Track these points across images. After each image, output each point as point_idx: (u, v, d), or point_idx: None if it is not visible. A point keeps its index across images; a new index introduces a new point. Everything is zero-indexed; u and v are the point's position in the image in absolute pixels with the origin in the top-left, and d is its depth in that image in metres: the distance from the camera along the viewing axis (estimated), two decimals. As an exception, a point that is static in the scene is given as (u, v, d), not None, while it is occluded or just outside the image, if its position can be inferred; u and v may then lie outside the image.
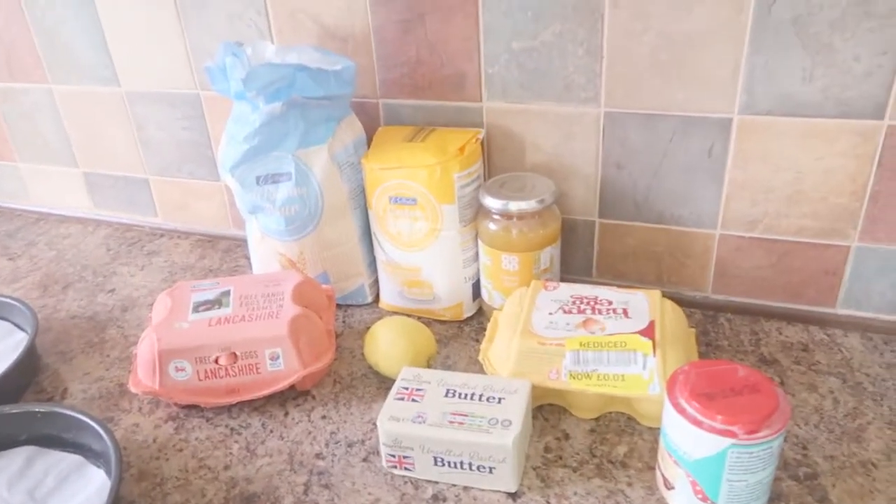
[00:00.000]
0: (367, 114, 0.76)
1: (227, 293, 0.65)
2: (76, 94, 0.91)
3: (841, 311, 0.69)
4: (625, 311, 0.59)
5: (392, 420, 0.53)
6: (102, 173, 0.97)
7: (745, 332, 0.68)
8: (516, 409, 0.52)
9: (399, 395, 0.55)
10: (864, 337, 0.66)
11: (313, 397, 0.63)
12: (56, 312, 0.80)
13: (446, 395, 0.54)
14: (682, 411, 0.46)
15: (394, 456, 0.53)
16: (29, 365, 0.69)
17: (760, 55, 0.60)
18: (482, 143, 0.72)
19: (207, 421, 0.62)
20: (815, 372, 0.63)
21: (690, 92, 0.64)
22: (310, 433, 0.59)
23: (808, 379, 0.62)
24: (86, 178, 0.98)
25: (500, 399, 0.53)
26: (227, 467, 0.57)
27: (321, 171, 0.68)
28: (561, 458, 0.55)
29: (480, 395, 0.54)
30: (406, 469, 0.54)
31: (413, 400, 0.54)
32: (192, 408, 0.63)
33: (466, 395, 0.54)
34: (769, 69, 0.60)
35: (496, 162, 0.74)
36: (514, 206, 0.64)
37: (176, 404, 0.62)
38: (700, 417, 0.46)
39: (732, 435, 0.45)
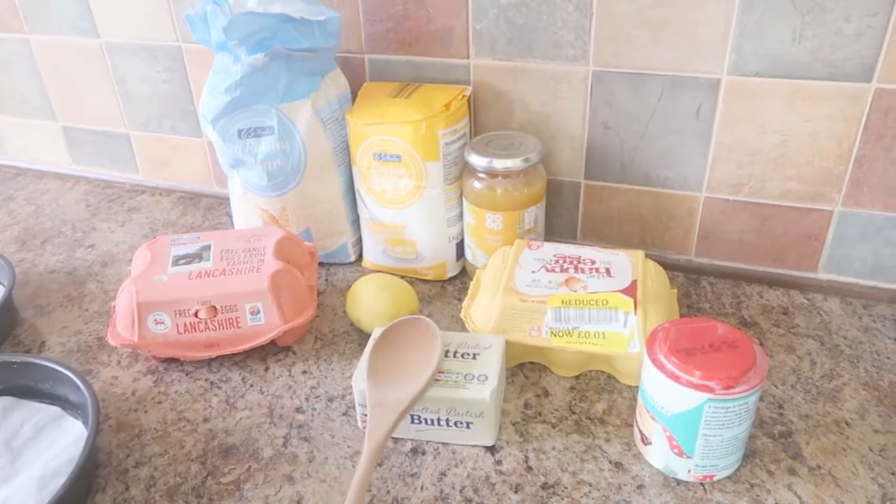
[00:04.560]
0: (353, 69, 0.75)
1: (207, 247, 0.64)
2: (54, 44, 0.88)
3: (822, 275, 0.69)
4: (607, 271, 0.59)
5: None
6: (82, 128, 0.95)
7: (726, 295, 0.69)
8: (492, 364, 0.52)
9: (375, 354, 0.55)
10: (843, 301, 0.67)
11: (294, 353, 0.63)
12: (34, 267, 0.78)
13: (423, 352, 0.54)
14: (660, 366, 0.47)
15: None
16: (6, 317, 0.68)
17: (751, 14, 0.59)
18: (469, 101, 0.71)
19: (187, 375, 0.61)
20: (793, 334, 0.63)
21: (679, 51, 0.63)
22: (290, 388, 0.59)
23: (787, 341, 0.62)
24: (65, 132, 0.96)
25: (475, 354, 0.53)
26: (206, 420, 0.56)
27: (304, 125, 0.67)
28: (540, 414, 0.55)
29: (455, 352, 0.54)
30: (384, 425, 0.54)
31: (391, 357, 0.54)
32: (171, 361, 0.62)
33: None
34: (759, 29, 0.60)
35: (482, 120, 0.73)
36: (500, 164, 0.64)
37: (155, 357, 0.62)
38: (678, 372, 0.46)
39: (709, 390, 0.45)
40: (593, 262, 0.60)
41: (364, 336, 0.65)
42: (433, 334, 0.54)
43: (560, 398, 0.57)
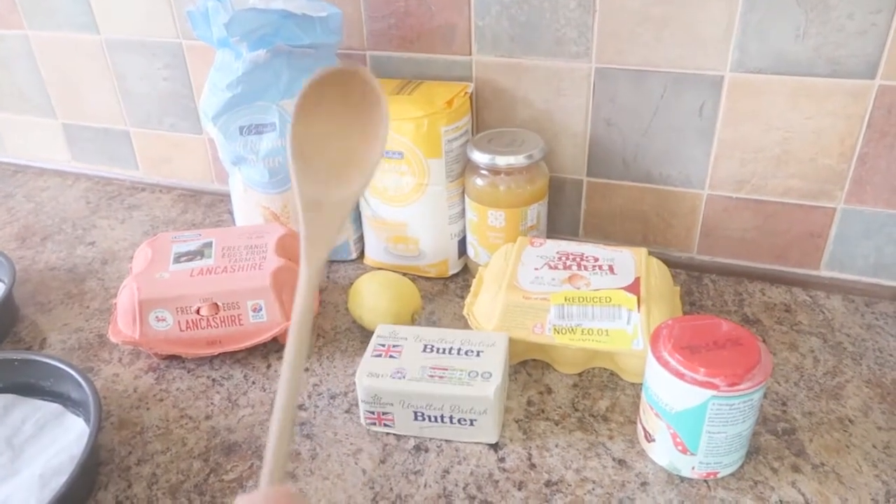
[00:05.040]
0: (354, 66, 0.75)
1: (209, 244, 0.64)
2: (54, 40, 0.88)
3: (824, 273, 0.69)
4: (610, 268, 0.59)
5: (371, 376, 0.52)
6: (82, 125, 0.94)
7: (729, 293, 0.68)
8: (496, 362, 0.52)
9: (376, 352, 0.54)
10: (846, 299, 0.67)
11: (296, 350, 0.63)
12: (34, 264, 0.78)
13: (424, 351, 0.54)
14: (664, 364, 0.47)
15: (373, 413, 0.53)
16: (6, 315, 0.67)
17: (754, 12, 0.59)
18: (471, 98, 0.71)
19: (189, 372, 0.61)
20: (796, 332, 0.63)
21: (683, 48, 0.63)
22: (292, 385, 0.59)
23: (790, 338, 0.62)
24: (65, 129, 0.96)
25: (478, 352, 0.53)
26: (208, 417, 0.56)
27: (306, 122, 0.67)
28: (543, 411, 0.55)
29: (459, 349, 0.54)
30: (385, 426, 0.53)
31: (391, 356, 0.54)
32: (172, 359, 0.62)
33: (444, 349, 0.54)
34: (762, 26, 0.60)
35: (485, 117, 0.73)
36: (502, 160, 0.64)
37: (157, 355, 0.61)
38: (682, 370, 0.46)
39: (714, 387, 0.45)
40: (596, 260, 0.60)
41: (366, 333, 0.64)
42: (373, 94, 0.39)
43: (563, 395, 0.57)
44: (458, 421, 0.52)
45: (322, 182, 0.38)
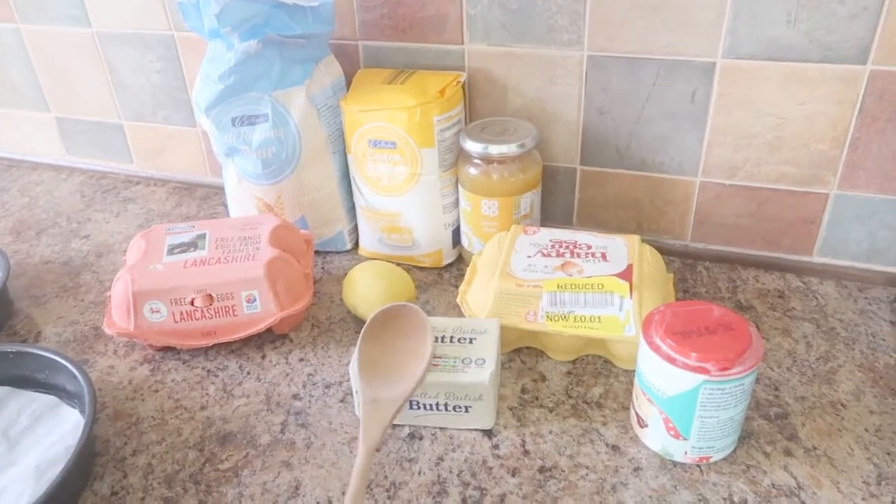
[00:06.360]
0: (347, 56, 0.75)
1: (202, 236, 0.64)
2: (45, 34, 0.88)
3: (817, 259, 0.69)
4: (603, 255, 0.59)
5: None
6: (75, 118, 0.94)
7: (722, 280, 0.69)
8: (489, 348, 0.53)
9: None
10: (839, 284, 0.67)
11: (291, 341, 0.63)
12: (29, 258, 0.78)
13: (418, 340, 0.54)
14: (656, 349, 0.47)
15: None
16: (1, 308, 0.67)
17: (746, -3, 0.59)
18: (463, 87, 0.70)
19: (184, 363, 0.61)
20: (789, 318, 0.63)
21: (674, 35, 0.63)
22: (287, 375, 0.59)
23: (783, 324, 0.62)
24: (58, 123, 0.96)
25: (471, 339, 0.53)
26: (203, 407, 0.56)
27: (299, 112, 0.67)
28: (537, 398, 0.56)
29: (451, 337, 0.54)
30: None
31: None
32: (168, 350, 0.62)
33: (437, 337, 0.54)
34: (754, 11, 0.60)
35: (478, 107, 0.73)
36: (495, 149, 0.64)
37: (151, 346, 0.62)
38: (674, 355, 0.46)
39: (705, 372, 0.45)
40: (589, 247, 0.60)
41: (361, 323, 0.64)
42: (423, 324, 0.54)
43: (557, 383, 0.57)
44: (454, 408, 0.52)
45: (379, 386, 0.50)
